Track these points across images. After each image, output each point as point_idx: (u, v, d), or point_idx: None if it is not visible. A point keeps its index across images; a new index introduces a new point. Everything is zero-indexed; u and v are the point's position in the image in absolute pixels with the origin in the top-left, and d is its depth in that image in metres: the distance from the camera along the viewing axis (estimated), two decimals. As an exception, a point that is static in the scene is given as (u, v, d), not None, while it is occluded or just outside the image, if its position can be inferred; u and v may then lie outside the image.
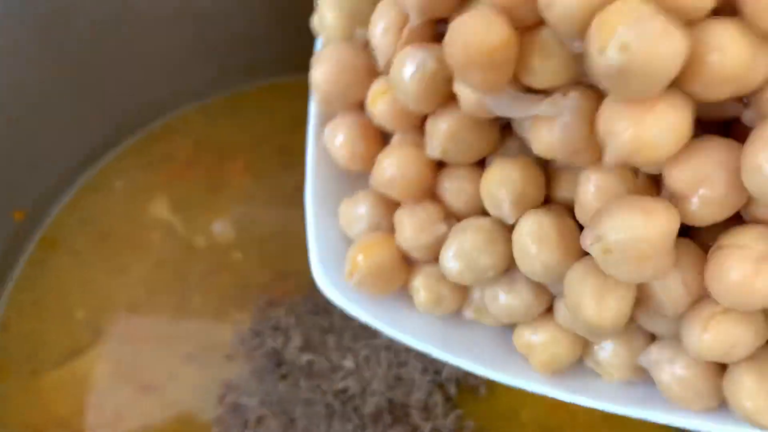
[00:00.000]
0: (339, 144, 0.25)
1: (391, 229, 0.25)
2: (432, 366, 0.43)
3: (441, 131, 0.22)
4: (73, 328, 0.45)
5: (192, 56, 0.48)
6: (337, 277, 0.25)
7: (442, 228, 0.24)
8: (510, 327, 0.25)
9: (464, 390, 0.43)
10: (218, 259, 0.47)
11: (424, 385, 0.43)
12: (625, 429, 0.43)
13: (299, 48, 0.49)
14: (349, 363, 0.43)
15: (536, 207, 0.22)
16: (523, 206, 0.21)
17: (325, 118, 0.27)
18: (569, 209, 0.21)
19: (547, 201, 0.22)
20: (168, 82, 0.49)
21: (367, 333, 0.44)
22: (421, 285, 0.25)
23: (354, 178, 0.27)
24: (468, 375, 0.43)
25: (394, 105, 0.23)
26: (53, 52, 0.42)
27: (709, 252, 0.20)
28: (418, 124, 0.24)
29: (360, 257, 0.24)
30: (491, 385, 0.43)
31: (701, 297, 0.21)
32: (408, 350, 0.43)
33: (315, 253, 0.26)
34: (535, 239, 0.21)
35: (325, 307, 0.45)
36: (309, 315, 0.45)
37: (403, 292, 0.26)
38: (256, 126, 0.49)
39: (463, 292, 0.25)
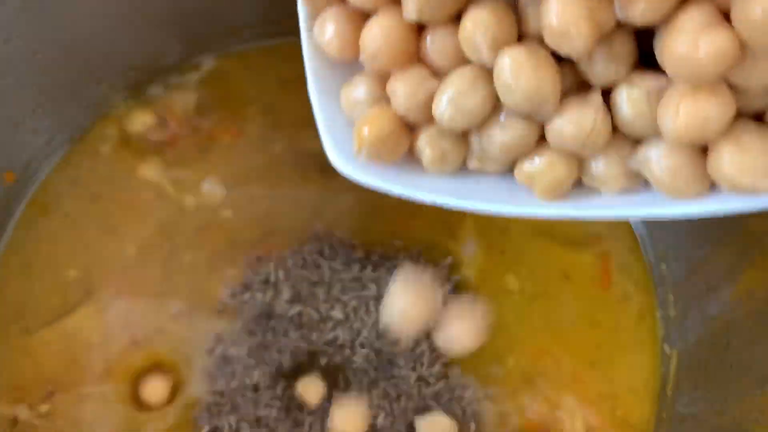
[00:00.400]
0: (329, 37, 0.27)
1: (388, 101, 0.27)
2: (419, 316, 0.44)
3: None
4: (65, 287, 0.46)
5: (178, 19, 0.49)
6: (350, 157, 0.28)
7: (432, 83, 0.25)
8: (512, 169, 0.27)
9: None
10: (208, 217, 0.47)
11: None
12: (611, 371, 0.44)
13: (285, 11, 0.50)
14: (337, 314, 0.44)
15: (511, 45, 0.23)
16: (498, 47, 0.23)
17: (313, 17, 0.28)
18: (541, 40, 0.23)
19: (521, 38, 0.24)
20: (155, 44, 0.49)
21: (356, 285, 0.44)
22: (425, 144, 0.27)
23: (350, 68, 0.28)
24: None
25: None
26: (40, 14, 0.43)
27: (657, 38, 0.22)
28: None
29: (364, 130, 0.26)
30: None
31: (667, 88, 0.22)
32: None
33: (327, 141, 0.28)
34: (513, 73, 0.23)
35: (314, 261, 0.46)
36: (298, 269, 0.45)
37: (412, 159, 0.28)
38: (244, 87, 0.50)
39: (463, 143, 0.27)
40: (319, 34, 0.28)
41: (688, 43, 0.20)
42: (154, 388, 0.43)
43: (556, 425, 0.42)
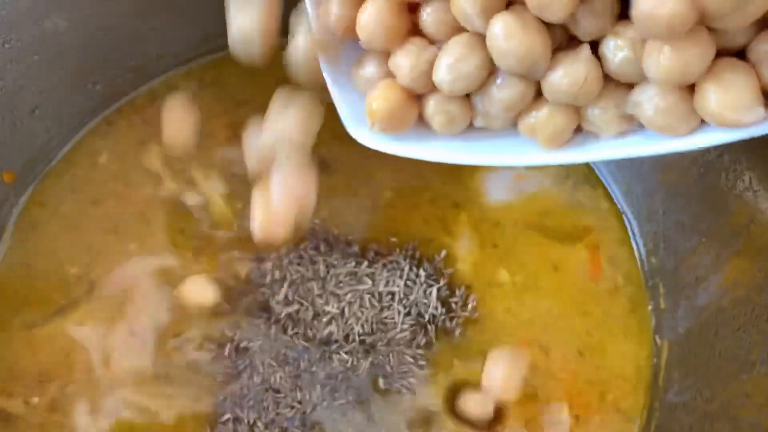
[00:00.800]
0: (334, 19, 0.29)
1: (394, 76, 0.28)
2: (415, 310, 0.45)
3: None
4: (66, 283, 0.46)
5: (175, 21, 0.49)
6: (367, 128, 0.29)
7: (432, 52, 0.27)
8: (516, 123, 0.29)
9: (441, 333, 0.45)
10: (207, 213, 0.48)
11: (407, 327, 0.44)
12: (601, 359, 0.44)
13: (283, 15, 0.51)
14: (332, 308, 0.44)
15: (500, 12, 0.25)
16: (489, 15, 0.25)
17: (318, 3, 0.30)
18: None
19: (510, 4, 0.25)
20: (152, 45, 0.50)
21: (352, 279, 0.45)
22: (433, 111, 0.28)
23: (358, 43, 0.30)
24: (446, 319, 0.45)
25: None
26: (38, 17, 0.44)
27: None
28: None
29: (374, 105, 0.28)
30: (465, 329, 0.45)
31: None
32: (392, 295, 0.45)
33: (344, 115, 0.30)
34: (504, 38, 0.24)
35: (311, 257, 0.46)
36: (294, 265, 0.46)
37: (424, 127, 0.29)
38: (241, 88, 0.51)
39: (468, 104, 0.28)
40: (324, 17, 0.29)
41: (651, 3, 0.21)
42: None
43: (543, 413, 0.43)
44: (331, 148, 0.49)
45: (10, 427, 0.43)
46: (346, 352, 0.44)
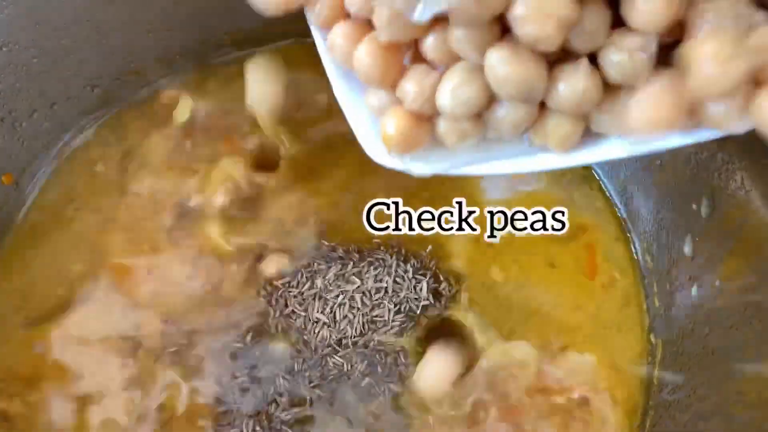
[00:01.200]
0: (338, 50, 0.29)
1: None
2: (405, 306, 0.45)
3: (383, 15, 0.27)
4: (68, 282, 0.47)
5: (174, 27, 0.50)
6: (384, 151, 0.30)
7: (435, 76, 0.28)
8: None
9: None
10: (202, 221, 0.48)
11: (397, 325, 0.45)
12: (592, 350, 0.45)
13: (281, 20, 0.51)
14: (322, 316, 0.45)
15: (495, 44, 0.26)
16: (484, 47, 0.26)
17: (325, 35, 0.31)
18: None
19: (504, 33, 0.26)
20: (150, 52, 0.50)
21: (340, 281, 0.45)
22: (447, 129, 0.29)
23: None
24: (434, 303, 0.45)
25: None
26: (38, 21, 0.44)
27: None
28: None
29: (387, 131, 0.29)
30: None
31: None
32: (384, 292, 0.45)
33: (362, 141, 0.31)
34: (501, 70, 0.25)
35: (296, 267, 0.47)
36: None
37: (439, 143, 0.30)
38: (237, 94, 0.51)
39: (479, 121, 0.29)
40: (331, 47, 0.30)
41: None
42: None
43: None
44: (324, 157, 0.49)
45: (10, 427, 0.44)
46: (340, 356, 0.44)
